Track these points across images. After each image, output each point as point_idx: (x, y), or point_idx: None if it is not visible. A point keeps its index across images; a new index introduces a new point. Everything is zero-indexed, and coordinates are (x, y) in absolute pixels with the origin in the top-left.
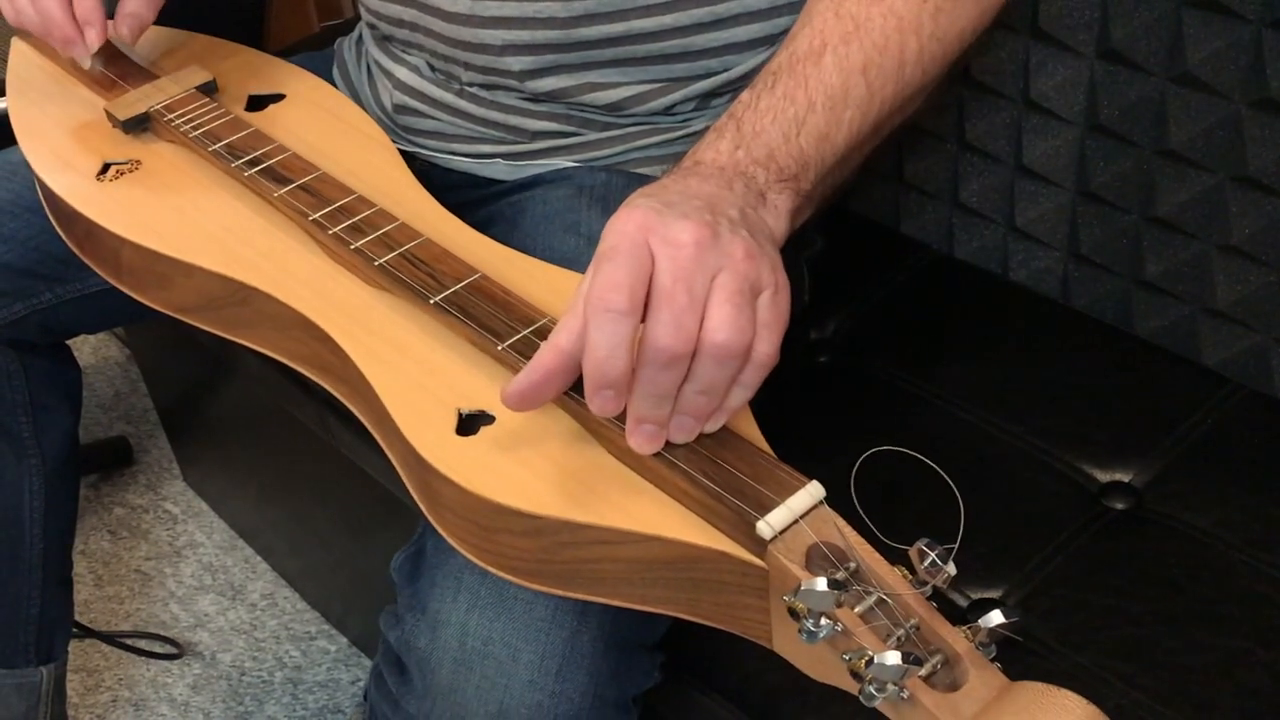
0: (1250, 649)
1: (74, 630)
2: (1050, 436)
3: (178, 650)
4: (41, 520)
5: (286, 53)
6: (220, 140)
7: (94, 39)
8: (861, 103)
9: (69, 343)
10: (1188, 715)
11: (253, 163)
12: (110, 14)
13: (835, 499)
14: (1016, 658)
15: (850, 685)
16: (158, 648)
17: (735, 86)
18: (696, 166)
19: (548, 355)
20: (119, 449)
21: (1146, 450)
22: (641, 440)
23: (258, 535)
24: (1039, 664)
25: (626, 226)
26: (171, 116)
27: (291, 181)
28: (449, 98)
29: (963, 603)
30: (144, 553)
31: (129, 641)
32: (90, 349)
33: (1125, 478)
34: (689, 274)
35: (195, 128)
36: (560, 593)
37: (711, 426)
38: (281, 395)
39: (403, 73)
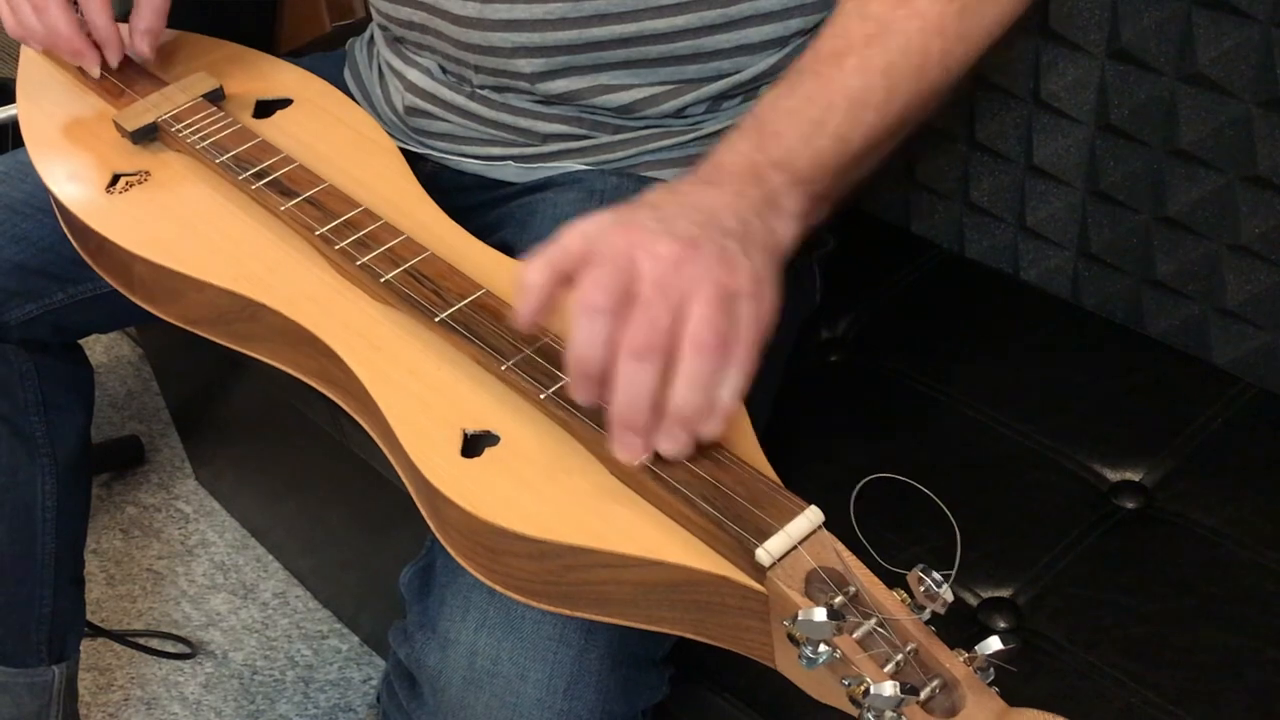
0: (1260, 648)
1: (86, 629)
2: (1060, 435)
3: (189, 649)
4: (54, 519)
5: (298, 53)
6: (227, 151)
7: (113, 58)
8: (880, 105)
9: (81, 342)
10: (1198, 714)
11: (259, 175)
12: (119, 16)
13: (834, 518)
14: (1026, 656)
15: (850, 709)
16: (169, 647)
17: (747, 88)
18: (715, 172)
19: (538, 275)
20: (131, 448)
21: (1156, 449)
22: (623, 449)
23: (269, 534)
24: (1049, 663)
25: (618, 242)
26: (179, 127)
27: (298, 194)
28: (460, 100)
29: (973, 601)
30: (156, 552)
31: (141, 640)
32: (102, 348)
33: (1135, 477)
34: (668, 281)
35: (202, 138)
36: (567, 612)
37: (705, 432)
38: (293, 394)
39: (414, 74)
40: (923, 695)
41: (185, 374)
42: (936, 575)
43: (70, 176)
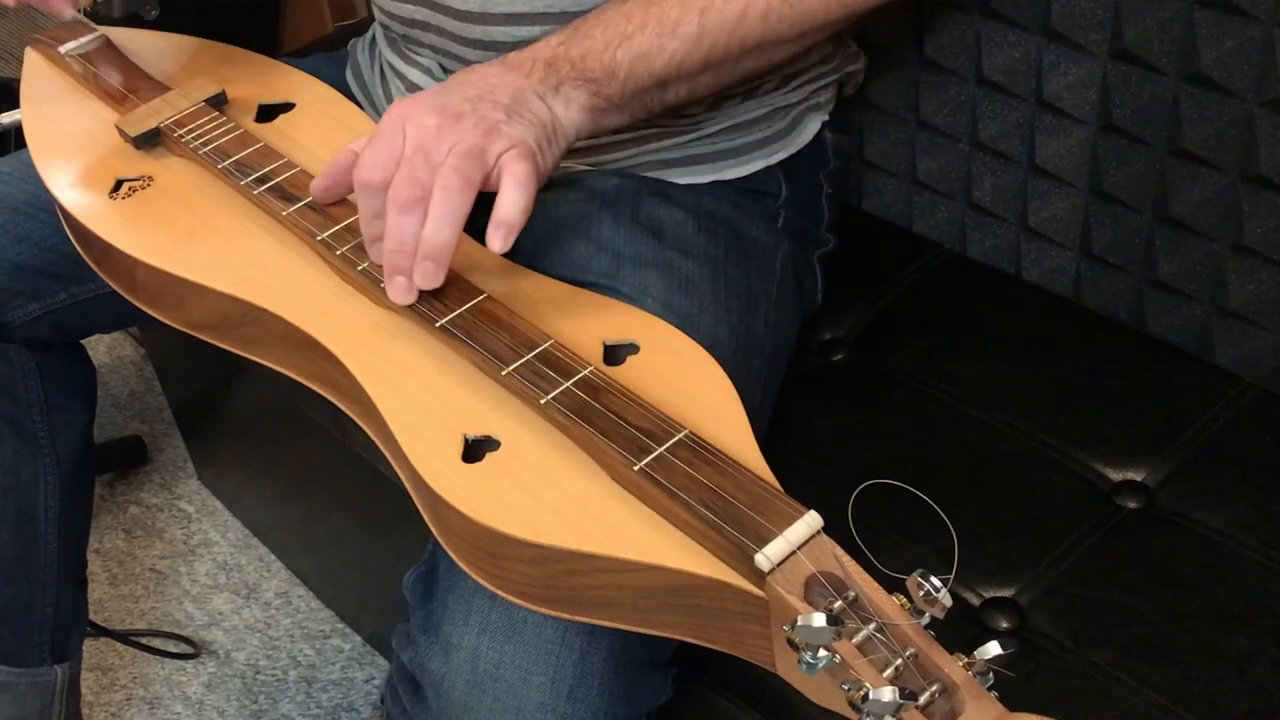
0: (1263, 648)
1: (89, 629)
2: (1062, 435)
3: (192, 649)
4: (57, 519)
5: (300, 53)
6: (229, 157)
7: None
8: (689, 39)
9: (84, 342)
10: (1200, 714)
11: (261, 180)
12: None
13: (837, 518)
14: (1029, 656)
15: (850, 713)
16: (172, 646)
17: (747, 85)
18: (520, 56)
19: (343, 156)
20: (134, 448)
21: (1159, 449)
22: (394, 290)
23: (272, 534)
24: (1051, 663)
25: (393, 114)
26: (181, 132)
27: (299, 200)
28: None
29: (975, 602)
30: (158, 551)
31: (143, 640)
32: (105, 348)
33: (1137, 477)
34: (428, 145)
35: (205, 144)
36: (568, 617)
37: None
38: (296, 394)
39: (415, 75)
40: (922, 700)
41: (188, 374)
42: (935, 580)
43: (73, 182)
